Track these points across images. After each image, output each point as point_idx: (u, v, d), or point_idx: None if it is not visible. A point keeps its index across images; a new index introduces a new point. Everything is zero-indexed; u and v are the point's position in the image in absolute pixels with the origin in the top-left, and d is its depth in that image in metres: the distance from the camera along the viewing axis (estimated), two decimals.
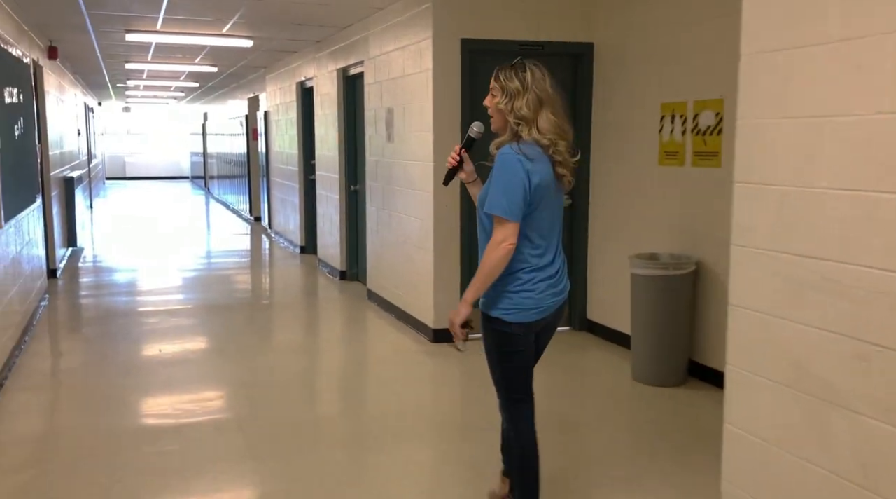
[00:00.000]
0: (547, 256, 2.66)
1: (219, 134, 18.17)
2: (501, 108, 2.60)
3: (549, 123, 2.58)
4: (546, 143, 2.56)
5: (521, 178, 2.48)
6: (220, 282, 8.60)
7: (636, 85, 5.29)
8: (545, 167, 2.55)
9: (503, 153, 2.54)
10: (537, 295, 2.62)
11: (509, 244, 2.50)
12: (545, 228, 2.63)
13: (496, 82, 2.62)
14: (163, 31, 7.77)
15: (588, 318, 5.97)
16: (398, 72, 6.11)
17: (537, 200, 2.53)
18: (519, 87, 2.57)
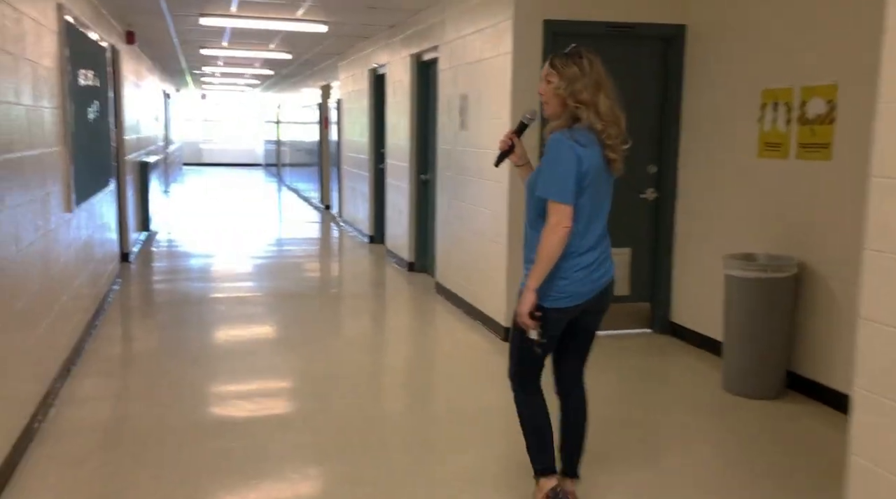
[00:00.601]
0: (588, 240, 2.70)
1: (291, 122, 18.29)
2: (560, 93, 2.64)
3: (606, 107, 2.65)
4: (600, 127, 2.63)
5: (572, 162, 2.56)
6: (290, 270, 8.53)
7: (733, 70, 4.87)
8: (595, 153, 2.62)
9: (555, 139, 2.61)
10: (573, 281, 2.66)
11: (565, 227, 2.55)
12: (590, 214, 2.67)
13: (552, 69, 2.68)
14: (237, 16, 7.69)
15: (672, 320, 5.59)
16: (474, 56, 5.83)
17: (585, 185, 2.59)
18: (577, 73, 2.64)
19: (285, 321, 6.17)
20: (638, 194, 5.53)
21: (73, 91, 4.91)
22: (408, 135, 7.83)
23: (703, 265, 5.19)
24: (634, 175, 5.47)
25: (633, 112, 5.63)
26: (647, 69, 5.42)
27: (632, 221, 5.56)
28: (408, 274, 7.98)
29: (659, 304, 5.62)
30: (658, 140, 5.49)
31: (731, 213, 4.91)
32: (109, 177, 6.70)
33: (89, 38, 5.74)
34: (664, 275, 5.57)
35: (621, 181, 5.65)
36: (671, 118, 5.39)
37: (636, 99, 5.43)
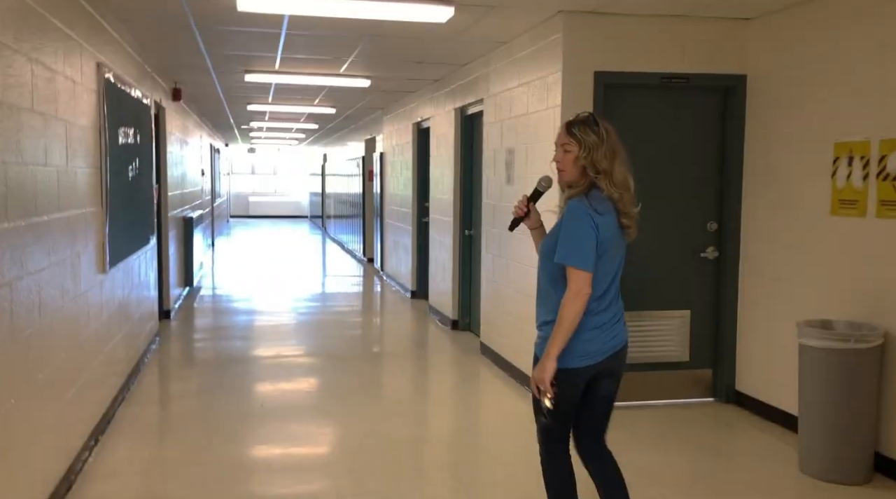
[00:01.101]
0: (604, 302, 2.70)
1: (336, 174, 18.38)
2: (580, 162, 2.68)
3: (621, 175, 2.70)
4: (617, 196, 2.68)
5: (591, 230, 2.61)
6: (331, 327, 8.30)
7: (800, 122, 4.54)
8: (612, 220, 2.67)
9: (574, 207, 2.66)
10: (586, 341, 2.67)
11: (585, 294, 2.60)
12: (606, 278, 2.70)
13: (570, 137, 2.70)
14: (281, 72, 7.66)
15: (737, 389, 5.16)
16: (521, 109, 5.62)
17: (601, 252, 2.63)
18: (597, 141, 2.67)
19: (325, 385, 5.91)
20: (697, 253, 5.18)
21: (112, 150, 4.82)
22: (452, 189, 7.63)
23: (771, 330, 4.79)
24: (693, 233, 5.15)
25: (691, 166, 5.39)
26: (705, 121, 5.13)
27: (691, 282, 5.20)
28: (451, 333, 7.68)
29: (722, 371, 5.20)
30: (718, 196, 5.16)
31: (801, 274, 4.53)
32: (150, 234, 6.61)
33: (132, 96, 5.71)
34: (727, 339, 5.17)
35: (679, 239, 5.37)
36: (732, 173, 5.06)
37: (693, 152, 5.14)
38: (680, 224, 5.15)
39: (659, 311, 5.18)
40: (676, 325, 5.21)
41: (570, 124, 2.74)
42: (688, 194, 5.15)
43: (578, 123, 2.73)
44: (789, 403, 4.59)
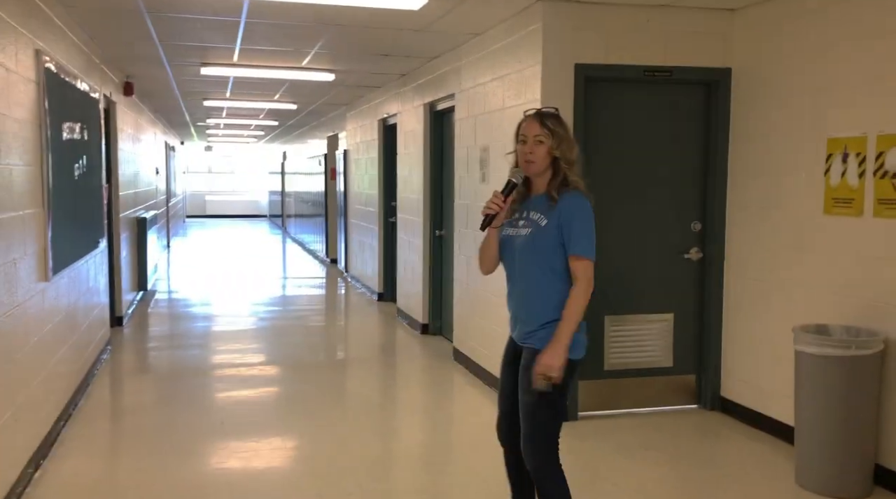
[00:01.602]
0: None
1: (297, 173, 17.92)
2: (553, 154, 2.72)
3: (579, 166, 2.79)
4: (583, 185, 2.77)
5: (594, 220, 2.74)
6: (294, 333, 7.93)
7: (789, 117, 4.35)
8: None
9: (578, 198, 2.73)
10: (582, 332, 2.76)
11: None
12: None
13: (544, 129, 2.73)
14: (240, 65, 7.27)
15: (722, 395, 4.97)
16: (496, 104, 5.35)
17: None
18: (566, 133, 2.77)
19: (288, 396, 5.57)
20: (681, 254, 4.96)
21: (54, 146, 4.41)
22: (421, 188, 7.33)
23: (759, 334, 4.60)
24: (676, 233, 4.94)
25: (673, 164, 5.13)
26: (689, 116, 4.92)
27: (674, 284, 4.99)
28: (421, 337, 7.38)
29: (707, 377, 5.00)
30: (702, 195, 4.95)
31: (791, 276, 4.34)
32: (100, 237, 6.18)
33: (78, 88, 5.29)
34: (713, 344, 4.97)
35: (661, 240, 5.16)
36: (717, 170, 4.86)
37: (676, 149, 4.93)
38: (662, 224, 4.94)
39: (641, 314, 4.96)
40: (659, 329, 5.00)
41: (542, 117, 2.76)
42: (671, 193, 4.93)
43: (550, 116, 2.77)
44: (780, 410, 4.40)
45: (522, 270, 2.76)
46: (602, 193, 4.85)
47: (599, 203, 4.97)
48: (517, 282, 2.80)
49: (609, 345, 4.91)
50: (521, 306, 2.79)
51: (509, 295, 2.85)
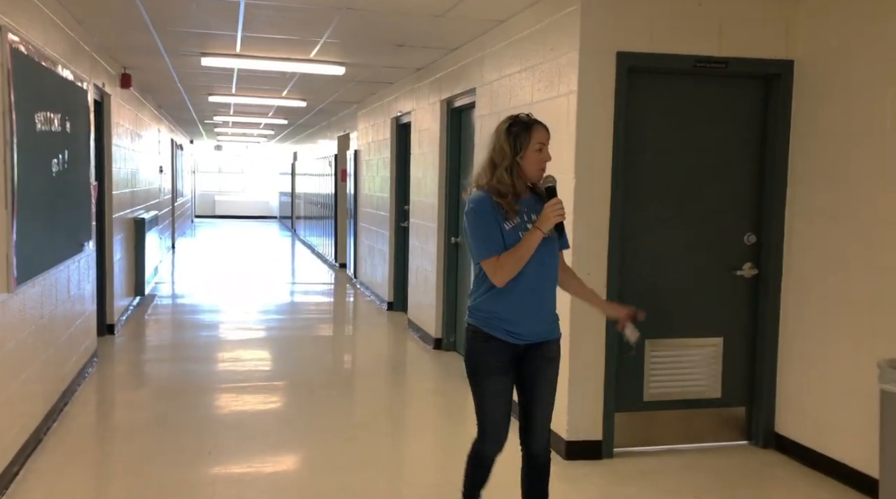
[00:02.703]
0: None
1: (307, 174, 17.44)
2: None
3: None
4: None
5: None
6: (300, 346, 7.38)
7: (866, 114, 3.76)
8: None
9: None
10: None
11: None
12: None
13: (547, 135, 2.86)
14: (243, 55, 6.74)
15: (777, 431, 4.37)
16: (524, 98, 4.78)
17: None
18: None
19: (290, 421, 5.01)
20: (732, 270, 4.38)
21: (24, 138, 3.89)
22: (436, 191, 6.77)
23: (824, 362, 4.00)
24: (728, 246, 4.35)
25: (726, 167, 4.30)
26: (744, 114, 4.34)
27: (723, 304, 4.40)
28: (433, 353, 6.82)
29: (760, 409, 4.41)
30: (758, 203, 4.37)
31: (867, 297, 3.74)
32: (85, 239, 5.65)
33: (59, 75, 4.76)
34: (767, 373, 4.37)
35: (710, 253, 4.51)
36: (776, 175, 4.27)
37: (730, 151, 4.36)
38: (712, 236, 4.35)
39: (686, 338, 4.37)
40: (706, 355, 4.41)
41: (543, 126, 2.87)
42: (722, 200, 4.35)
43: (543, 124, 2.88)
44: (846, 452, 3.82)
45: (549, 270, 2.85)
46: (642, 199, 4.31)
47: (638, 211, 4.48)
48: (538, 283, 2.81)
49: (649, 372, 4.33)
50: (545, 305, 2.87)
51: (521, 298, 2.79)
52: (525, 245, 2.72)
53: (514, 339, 2.81)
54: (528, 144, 2.78)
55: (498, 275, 2.73)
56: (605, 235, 4.12)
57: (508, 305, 2.79)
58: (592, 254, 4.11)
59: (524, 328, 2.81)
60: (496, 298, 2.79)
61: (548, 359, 2.88)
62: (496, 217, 2.76)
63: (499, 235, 2.74)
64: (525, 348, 2.84)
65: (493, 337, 2.81)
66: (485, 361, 2.84)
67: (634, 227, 4.23)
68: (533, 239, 2.72)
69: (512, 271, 2.73)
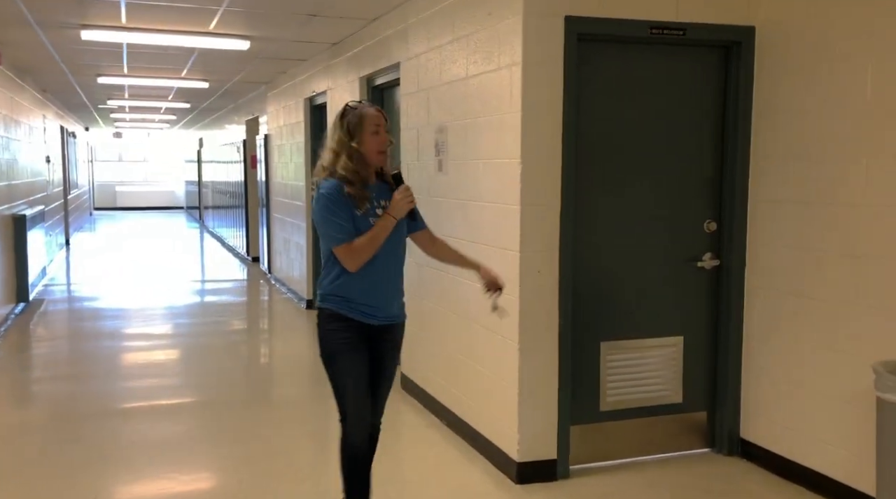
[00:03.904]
0: None
1: (214, 161, 16.39)
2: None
3: None
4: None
5: None
6: (209, 354, 6.62)
7: (838, 87, 3.37)
8: None
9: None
10: None
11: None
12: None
13: (383, 118, 2.88)
14: (130, 28, 5.91)
15: (742, 436, 4.00)
16: (457, 73, 4.22)
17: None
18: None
19: (196, 451, 4.32)
20: (691, 261, 3.95)
21: None
22: None
23: (795, 362, 3.62)
24: (686, 235, 3.92)
25: (684, 148, 3.63)
26: (703, 88, 3.90)
27: (683, 299, 3.98)
28: None
29: (723, 414, 4.02)
30: (718, 186, 3.95)
31: (840, 289, 3.37)
32: None
33: None
34: (731, 373, 3.98)
35: (667, 244, 3.90)
36: (737, 155, 3.86)
37: (688, 128, 3.91)
38: (668, 223, 3.91)
39: (644, 339, 3.93)
40: (666, 356, 3.98)
41: (380, 110, 2.90)
42: (680, 184, 3.91)
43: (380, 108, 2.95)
44: (824, 461, 3.46)
45: (397, 254, 2.96)
46: (594, 185, 3.82)
47: (590, 199, 3.95)
48: (389, 267, 2.94)
49: (606, 379, 3.87)
50: (396, 288, 3.01)
51: (374, 282, 2.88)
52: (378, 231, 2.80)
53: (370, 319, 2.89)
54: (362, 129, 2.82)
55: (352, 260, 2.80)
56: (556, 227, 3.61)
57: (363, 288, 2.87)
58: (542, 249, 3.60)
59: (380, 311, 2.92)
60: (350, 282, 2.85)
61: (394, 343, 3.06)
62: (347, 203, 2.79)
63: (350, 222, 2.79)
64: (378, 330, 2.93)
65: (349, 318, 2.87)
66: (343, 339, 2.87)
67: (587, 217, 3.74)
68: (386, 225, 2.81)
69: (365, 257, 2.80)
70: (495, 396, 3.88)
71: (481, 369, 4.04)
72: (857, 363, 3.27)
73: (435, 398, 4.68)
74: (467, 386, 4.23)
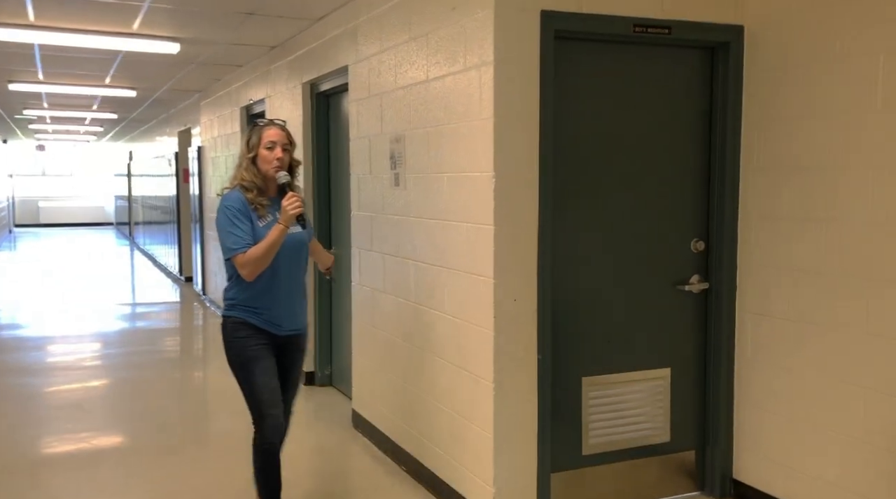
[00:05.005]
0: None
1: (145, 175, 15.51)
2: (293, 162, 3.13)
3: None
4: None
5: None
6: (139, 391, 5.95)
7: (840, 92, 3.04)
8: None
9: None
10: None
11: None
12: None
13: (289, 137, 3.12)
14: (41, 26, 5.26)
15: (735, 477, 3.62)
16: (415, 76, 3.76)
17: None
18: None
19: None
20: (677, 285, 3.57)
21: None
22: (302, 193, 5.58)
23: (793, 393, 3.27)
24: (671, 256, 3.54)
25: (668, 159, 3.08)
26: (689, 93, 3.53)
27: (669, 327, 3.59)
28: (306, 391, 5.63)
29: (714, 453, 3.64)
30: (705, 201, 3.58)
31: (844, 315, 3.03)
32: None
33: None
34: (722, 408, 3.61)
35: (650, 266, 3.13)
36: (726, 166, 3.50)
37: (672, 139, 3.55)
38: (652, 243, 3.53)
39: (628, 372, 3.52)
40: (652, 391, 3.58)
41: (282, 128, 3.10)
42: (664, 199, 3.53)
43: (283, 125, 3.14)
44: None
45: (297, 266, 3.09)
46: (570, 197, 3.41)
47: (568, 217, 3.26)
48: (289, 278, 3.04)
49: (588, 419, 3.45)
50: (297, 299, 3.12)
51: (275, 292, 2.99)
52: (269, 240, 2.89)
53: (276, 330, 3.02)
54: (259, 142, 3.00)
55: (246, 269, 2.89)
56: (534, 249, 3.18)
57: (268, 298, 2.99)
58: (519, 275, 3.16)
59: (285, 321, 3.05)
60: (255, 292, 2.97)
61: (301, 350, 3.22)
62: (247, 214, 2.93)
63: (248, 231, 2.91)
64: (284, 340, 3.07)
65: (256, 326, 2.99)
66: (252, 345, 2.98)
67: (565, 237, 3.32)
68: (276, 233, 2.90)
69: (260, 266, 2.90)
70: (465, 440, 3.41)
71: (447, 410, 3.56)
72: (872, 396, 2.93)
73: (392, 440, 4.18)
74: (431, 428, 3.75)
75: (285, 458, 3.21)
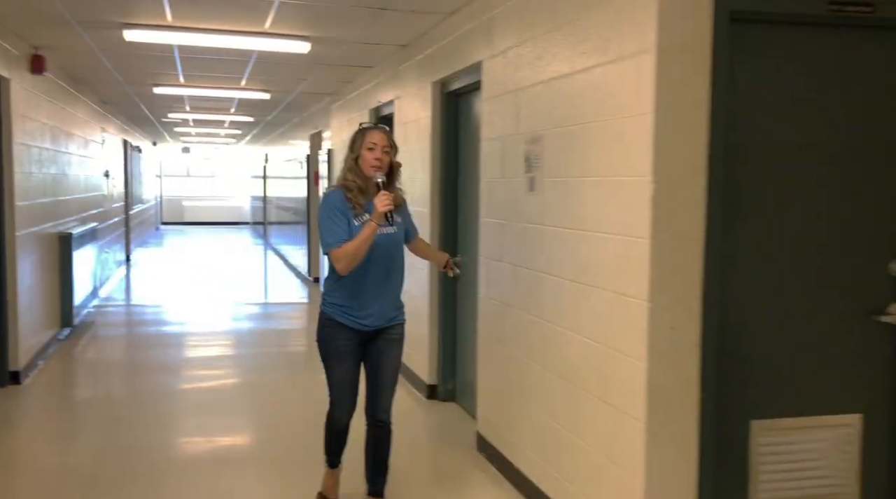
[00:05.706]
0: None
1: (278, 177, 15.95)
2: (390, 161, 3.19)
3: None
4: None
5: None
6: (256, 393, 5.88)
7: None
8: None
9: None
10: None
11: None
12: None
13: (390, 140, 3.20)
14: (177, 27, 5.26)
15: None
16: (557, 69, 3.35)
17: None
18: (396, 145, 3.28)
19: None
20: (871, 315, 2.96)
21: None
22: (427, 198, 5.32)
23: None
24: (864, 279, 2.94)
25: (868, 165, 2.27)
26: (893, 82, 2.93)
27: (860, 366, 2.99)
28: (427, 405, 5.36)
29: None
30: None
31: None
32: None
33: None
34: None
35: (838, 292, 2.13)
36: None
37: (874, 141, 2.93)
38: (842, 265, 2.94)
39: (808, 417, 2.96)
40: (838, 439, 3.00)
41: (383, 131, 3.21)
42: (859, 213, 2.94)
43: (389, 131, 3.24)
44: None
45: (395, 263, 3.24)
46: (742, 208, 2.88)
47: (741, 231, 2.67)
48: (388, 275, 3.21)
49: (757, 470, 2.91)
50: (393, 295, 3.28)
51: (365, 292, 3.16)
52: (361, 236, 3.01)
53: (361, 325, 3.19)
54: (361, 145, 3.15)
55: (340, 263, 3.03)
56: (699, 269, 2.70)
57: (357, 294, 3.15)
58: (680, 298, 2.69)
59: (371, 319, 3.19)
60: (345, 287, 3.15)
61: (392, 340, 3.30)
62: (345, 212, 3.09)
63: (344, 227, 3.06)
64: (371, 333, 3.22)
65: (342, 325, 3.18)
66: (336, 346, 3.23)
67: (736, 255, 2.82)
68: (367, 230, 3.01)
69: (353, 260, 3.02)
70: (610, 486, 2.97)
71: (588, 449, 3.13)
72: None
73: (522, 473, 3.78)
74: (569, 467, 3.32)
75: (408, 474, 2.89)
